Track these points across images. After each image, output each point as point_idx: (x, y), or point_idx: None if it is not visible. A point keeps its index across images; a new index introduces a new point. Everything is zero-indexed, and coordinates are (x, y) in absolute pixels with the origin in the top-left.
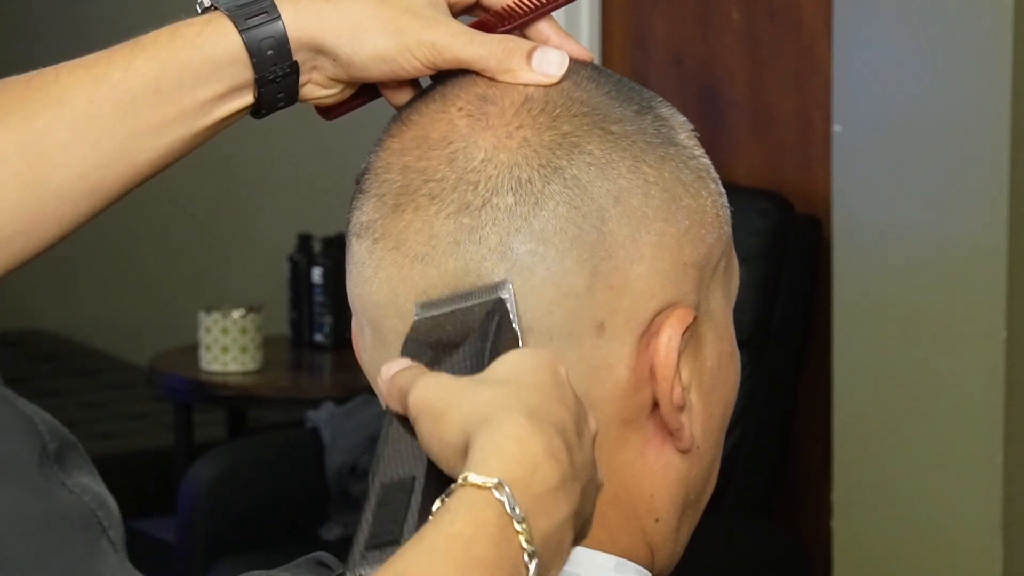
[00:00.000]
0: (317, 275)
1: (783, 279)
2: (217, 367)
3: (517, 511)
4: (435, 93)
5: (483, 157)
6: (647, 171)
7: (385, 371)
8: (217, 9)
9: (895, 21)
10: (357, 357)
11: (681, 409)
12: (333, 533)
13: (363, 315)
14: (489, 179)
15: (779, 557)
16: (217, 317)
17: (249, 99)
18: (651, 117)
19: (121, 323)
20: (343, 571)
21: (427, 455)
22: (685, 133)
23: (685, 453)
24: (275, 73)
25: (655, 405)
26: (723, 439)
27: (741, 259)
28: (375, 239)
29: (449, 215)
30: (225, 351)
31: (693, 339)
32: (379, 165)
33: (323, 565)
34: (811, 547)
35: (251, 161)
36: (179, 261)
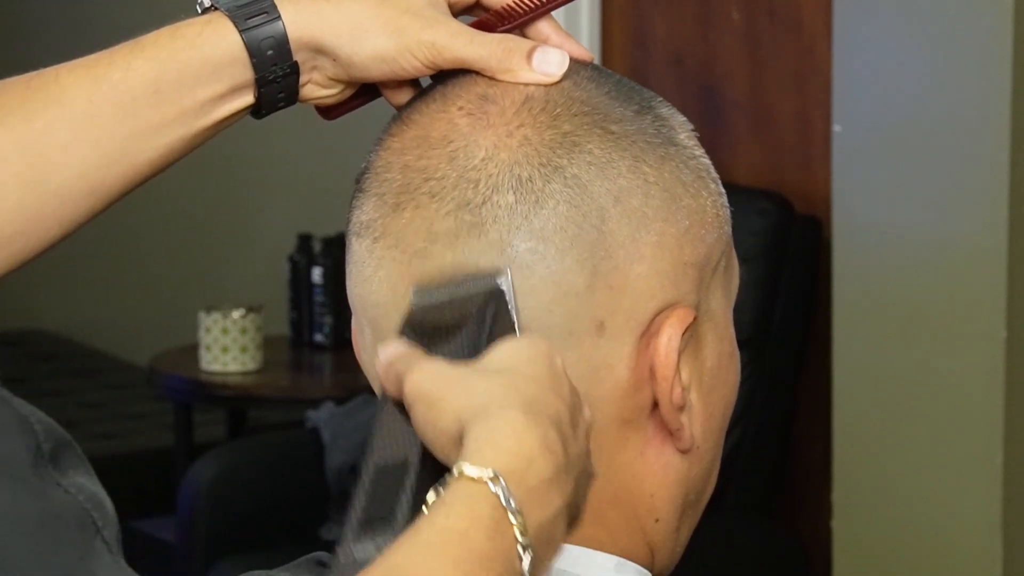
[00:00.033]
0: (317, 275)
1: (783, 279)
2: (217, 367)
3: (512, 503)
4: (435, 93)
5: (484, 156)
6: (647, 171)
7: (382, 354)
8: (217, 9)
9: (895, 21)
10: (357, 357)
11: (681, 409)
12: (333, 533)
13: (363, 315)
14: (490, 177)
15: (779, 557)
16: (217, 317)
17: (249, 99)
18: (651, 117)
19: (121, 323)
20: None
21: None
22: (685, 133)
23: (685, 453)
24: (275, 73)
25: (655, 405)
26: (723, 439)
27: (741, 259)
28: (375, 238)
29: (449, 212)
30: (225, 351)
31: (693, 339)
32: (379, 164)
33: (323, 565)
34: (811, 547)
35: (251, 161)
36: (179, 261)
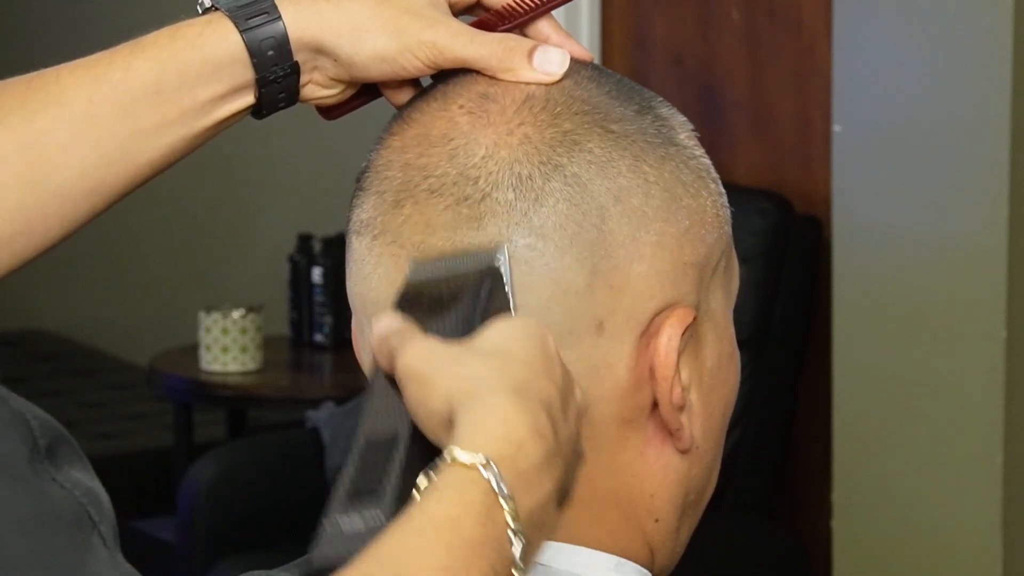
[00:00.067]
0: (317, 275)
1: (783, 279)
2: (217, 367)
3: (504, 489)
4: (436, 92)
5: (484, 154)
6: (647, 170)
7: (376, 328)
8: (218, 10)
9: (895, 21)
10: (357, 357)
11: (681, 409)
12: None
13: (363, 313)
14: (490, 175)
15: (779, 557)
16: (217, 317)
17: (250, 99)
18: (651, 117)
19: (121, 323)
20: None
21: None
22: (685, 133)
23: (685, 453)
24: (276, 73)
25: (655, 405)
26: (723, 439)
27: (741, 259)
28: (375, 235)
29: (447, 207)
30: (225, 351)
31: (693, 339)
32: (380, 163)
33: None
34: (811, 547)
35: (251, 161)
36: (179, 261)
